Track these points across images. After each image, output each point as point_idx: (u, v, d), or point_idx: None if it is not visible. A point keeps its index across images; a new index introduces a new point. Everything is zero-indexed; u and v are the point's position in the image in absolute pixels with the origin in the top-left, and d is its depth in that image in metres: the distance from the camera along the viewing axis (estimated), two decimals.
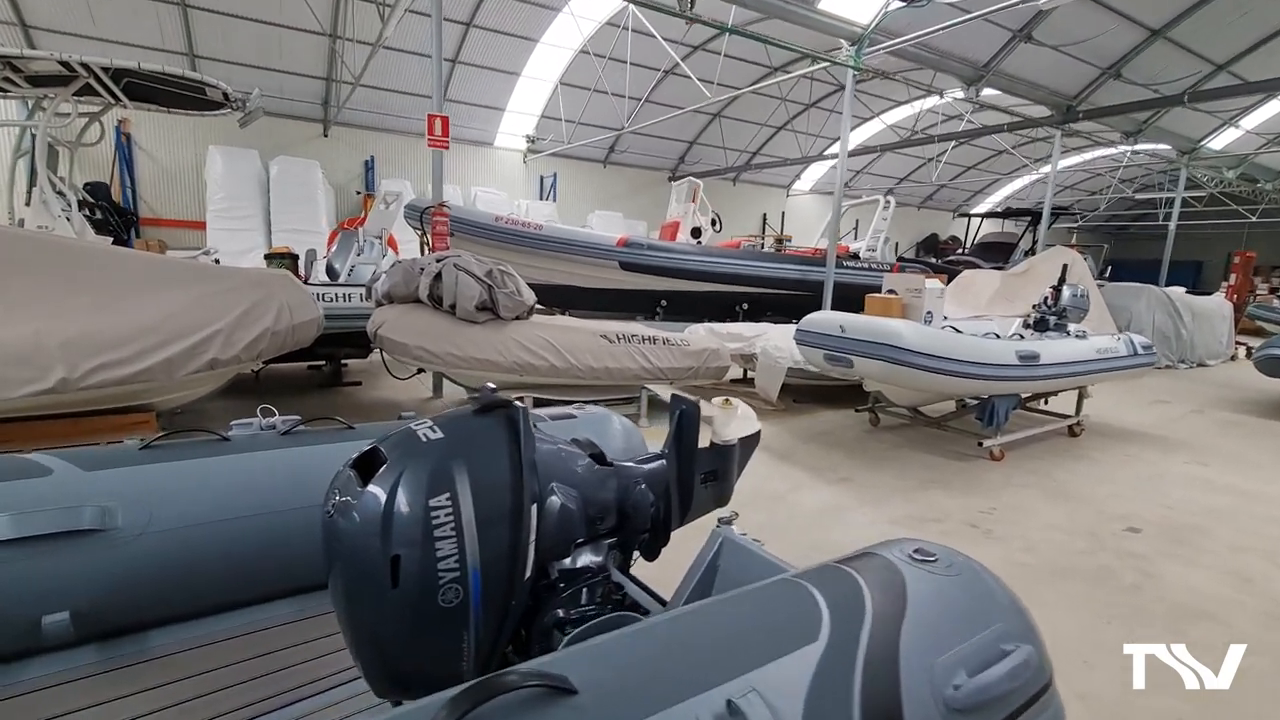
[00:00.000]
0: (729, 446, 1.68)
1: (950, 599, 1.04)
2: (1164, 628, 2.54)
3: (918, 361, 4.14)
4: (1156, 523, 3.68)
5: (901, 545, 1.20)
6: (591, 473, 1.40)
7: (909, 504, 3.80)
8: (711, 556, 1.45)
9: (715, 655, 0.83)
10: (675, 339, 5.32)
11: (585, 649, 0.83)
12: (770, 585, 1.02)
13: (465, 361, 4.47)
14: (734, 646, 0.85)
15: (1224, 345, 11.11)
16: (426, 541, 1.07)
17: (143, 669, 1.34)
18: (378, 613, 1.07)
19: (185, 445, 1.53)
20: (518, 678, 0.70)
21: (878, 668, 0.87)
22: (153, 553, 1.34)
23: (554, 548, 1.28)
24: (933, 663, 0.92)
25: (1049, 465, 4.73)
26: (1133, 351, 5.36)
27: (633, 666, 0.79)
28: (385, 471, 1.09)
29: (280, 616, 1.52)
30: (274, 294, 3.87)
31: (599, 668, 0.78)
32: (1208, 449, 5.39)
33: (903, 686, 0.87)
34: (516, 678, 0.70)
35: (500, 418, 1.24)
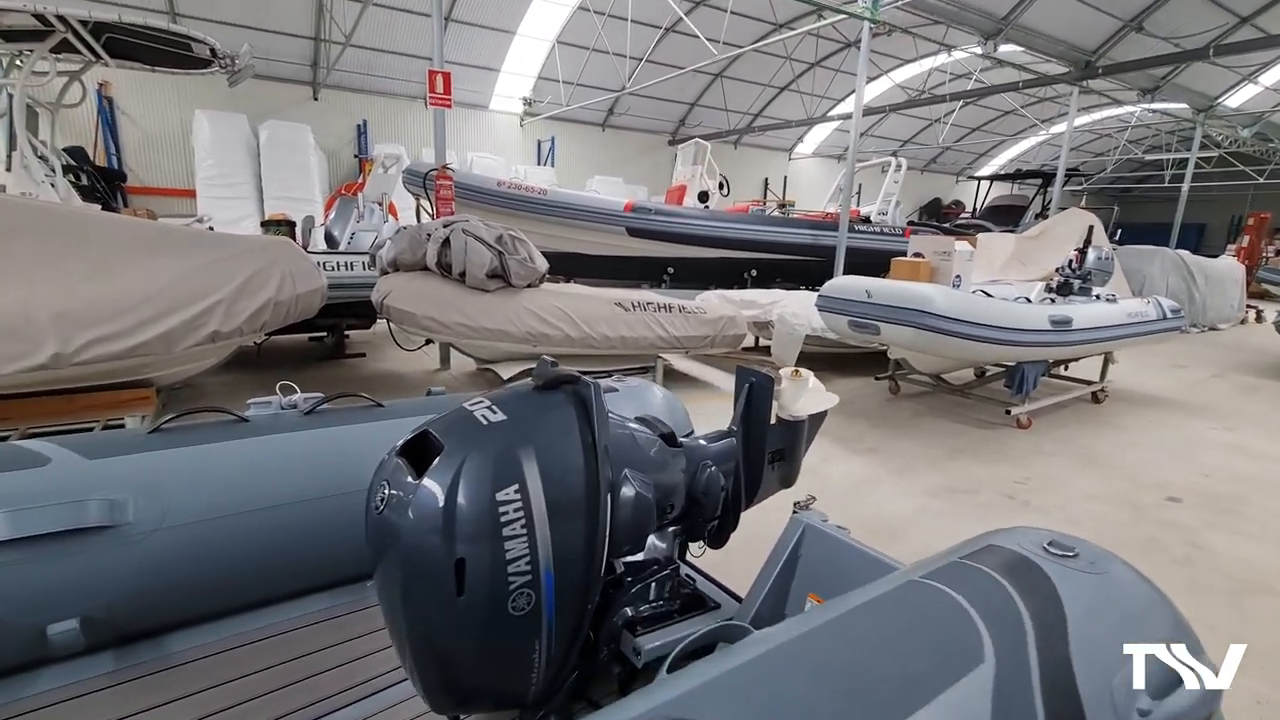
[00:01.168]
0: (798, 423, 1.53)
1: (1107, 603, 0.90)
2: (1227, 604, 2.44)
3: (949, 328, 3.97)
4: (1195, 491, 3.58)
5: (1026, 535, 1.06)
6: (662, 455, 1.25)
7: (941, 474, 3.69)
8: (792, 547, 1.30)
9: (874, 688, 0.68)
10: (690, 306, 5.14)
11: (706, 686, 0.68)
12: (902, 590, 0.87)
13: (476, 331, 4.29)
14: (892, 674, 0.70)
15: (1235, 309, 10.97)
16: (495, 541, 0.92)
17: (163, 678, 1.20)
18: (439, 622, 0.93)
19: (199, 428, 1.36)
20: None
21: (1057, 692, 0.73)
22: (170, 549, 1.19)
23: (625, 541, 1.13)
24: (1109, 684, 0.78)
25: (1076, 432, 4.62)
26: (1162, 315, 5.21)
27: (777, 707, 0.65)
28: (443, 461, 0.93)
29: (314, 614, 1.38)
30: (276, 262, 3.66)
31: (738, 708, 0.64)
32: (1233, 414, 5.29)
33: (1087, 714, 0.73)
34: None
35: (568, 395, 1.07)
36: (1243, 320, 11.15)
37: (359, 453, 1.44)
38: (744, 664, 0.71)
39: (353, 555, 1.43)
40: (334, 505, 1.36)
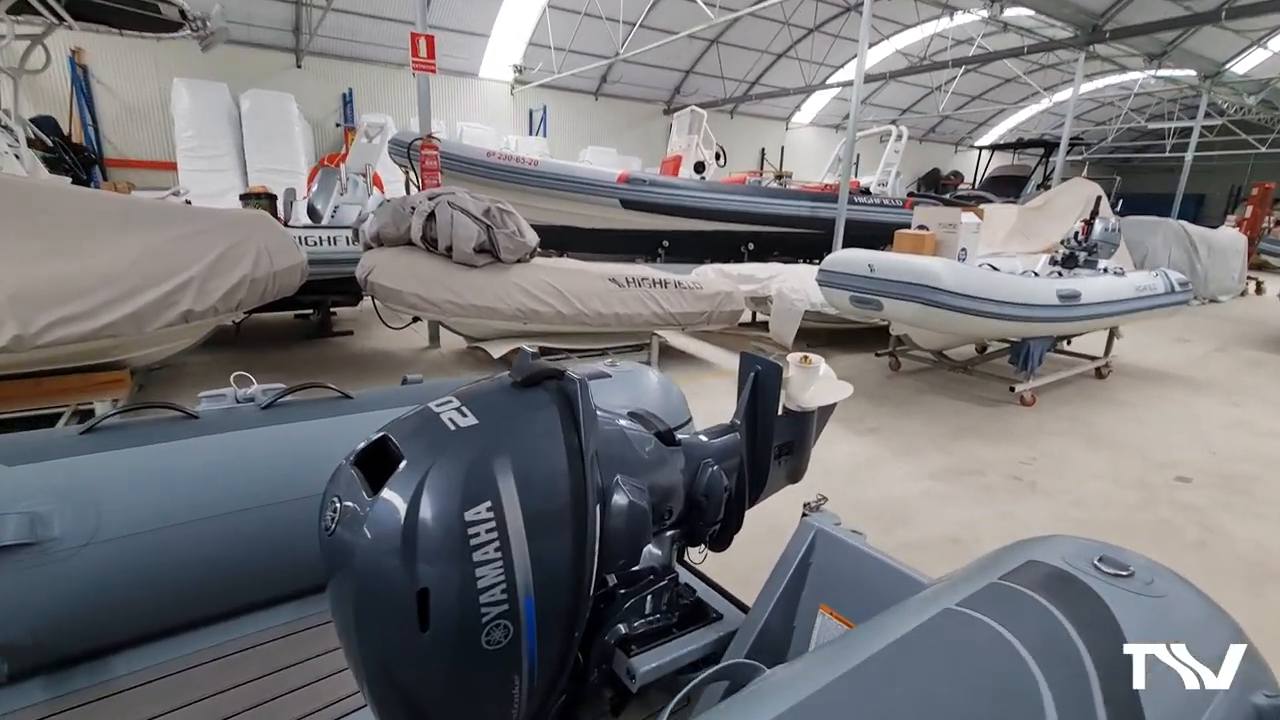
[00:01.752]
0: (807, 414, 1.40)
1: (1176, 634, 0.78)
2: (1243, 590, 2.35)
3: (955, 303, 3.84)
4: (1205, 470, 3.49)
5: (1069, 547, 0.93)
6: (658, 455, 1.11)
7: (945, 455, 3.58)
8: (802, 554, 1.18)
9: None
10: (687, 282, 4.97)
11: None
12: (939, 624, 0.75)
13: (464, 309, 4.13)
14: None
15: (1236, 280, 10.86)
16: (464, 567, 0.78)
17: (103, 705, 1.08)
18: (401, 659, 0.80)
19: (140, 426, 1.22)
20: None
21: None
22: (103, 566, 1.06)
23: (618, 555, 1.00)
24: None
25: (1081, 409, 4.52)
26: (1170, 289, 5.08)
27: None
28: (404, 473, 0.80)
29: (275, 629, 1.25)
30: (251, 237, 3.48)
31: None
32: (1239, 389, 5.20)
33: None
34: None
35: (551, 393, 0.93)
36: (1243, 292, 11.04)
37: (322, 451, 1.29)
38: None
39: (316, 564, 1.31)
40: (294, 511, 1.22)
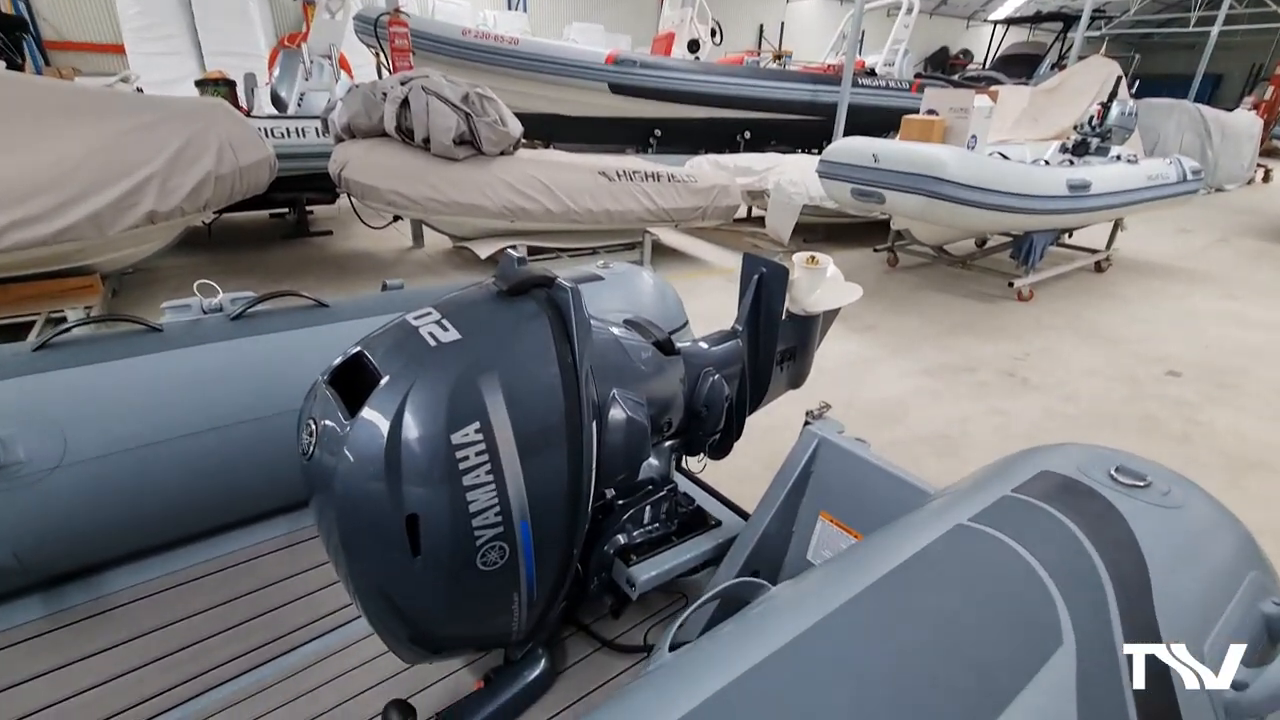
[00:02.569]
0: (811, 318, 1.33)
1: (1192, 547, 0.76)
2: (1223, 480, 2.42)
3: (961, 195, 3.67)
4: (1196, 364, 3.51)
5: (1084, 456, 0.90)
6: (657, 365, 1.05)
7: (940, 352, 3.57)
8: (804, 462, 1.15)
9: (936, 689, 0.53)
10: (680, 175, 4.73)
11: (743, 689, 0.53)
12: (955, 540, 0.72)
13: (447, 206, 3.92)
14: (959, 673, 0.56)
15: (1246, 168, 10.51)
16: (454, 492, 0.74)
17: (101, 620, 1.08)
18: (395, 582, 0.77)
19: (101, 341, 1.14)
20: None
21: (1146, 674, 0.60)
22: (76, 488, 1.01)
23: (616, 471, 0.97)
24: (1202, 650, 0.64)
25: (1078, 304, 4.48)
26: (1182, 177, 4.88)
27: None
28: (382, 394, 0.73)
29: (269, 541, 1.25)
30: (210, 129, 3.22)
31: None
32: (1237, 281, 5.16)
33: (1179, 700, 0.60)
34: None
35: (540, 303, 0.85)
36: (1250, 180, 10.73)
37: (299, 363, 1.23)
38: (767, 660, 0.56)
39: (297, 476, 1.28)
40: (274, 426, 1.17)
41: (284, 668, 1.08)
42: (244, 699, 1.03)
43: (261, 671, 1.07)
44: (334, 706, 1.02)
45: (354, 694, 1.04)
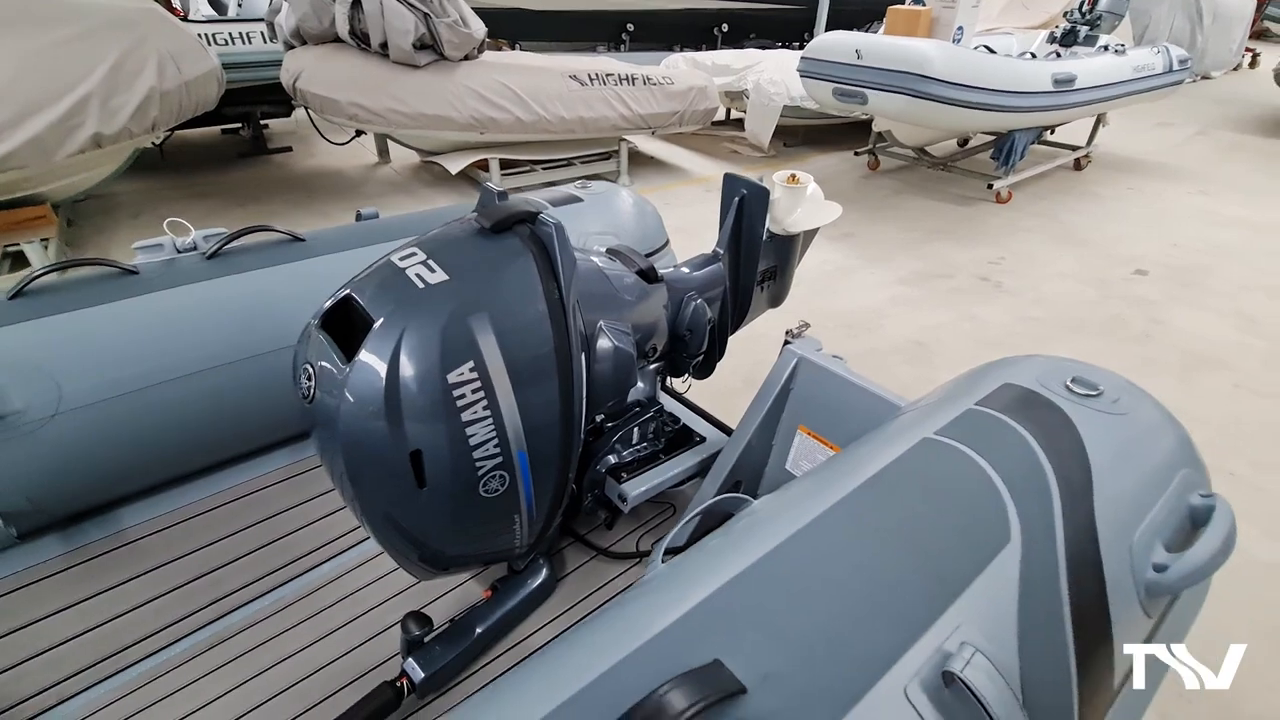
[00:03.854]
0: (791, 238, 1.34)
1: (1131, 449, 0.83)
2: (1176, 377, 2.55)
3: (945, 94, 3.57)
4: (1163, 263, 3.60)
5: (1044, 368, 0.96)
6: (641, 294, 1.08)
7: (916, 259, 3.61)
8: (784, 380, 1.21)
9: (901, 589, 0.61)
10: (656, 76, 4.51)
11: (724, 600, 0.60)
12: (919, 452, 0.78)
13: (412, 119, 3.73)
14: (915, 566, 0.63)
15: (1234, 52, 10.23)
16: (453, 428, 0.78)
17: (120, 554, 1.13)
18: (403, 512, 0.83)
19: (77, 286, 1.12)
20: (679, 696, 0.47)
21: (1082, 565, 0.68)
22: (77, 433, 1.04)
23: (605, 399, 1.01)
24: (1131, 540, 0.73)
25: (1055, 205, 4.49)
26: (1169, 67, 4.77)
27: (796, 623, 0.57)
28: (376, 337, 0.75)
29: (275, 472, 1.30)
30: (147, 39, 2.97)
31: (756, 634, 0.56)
32: (1212, 176, 5.18)
33: (1108, 582, 0.69)
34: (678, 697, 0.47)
35: (524, 239, 0.86)
36: (1236, 66, 10.49)
37: (281, 301, 1.23)
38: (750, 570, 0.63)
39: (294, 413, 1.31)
40: (264, 364, 1.19)
41: (300, 588, 1.16)
42: (264, 618, 1.11)
43: (280, 592, 1.15)
44: (351, 620, 1.11)
45: (370, 607, 1.13)
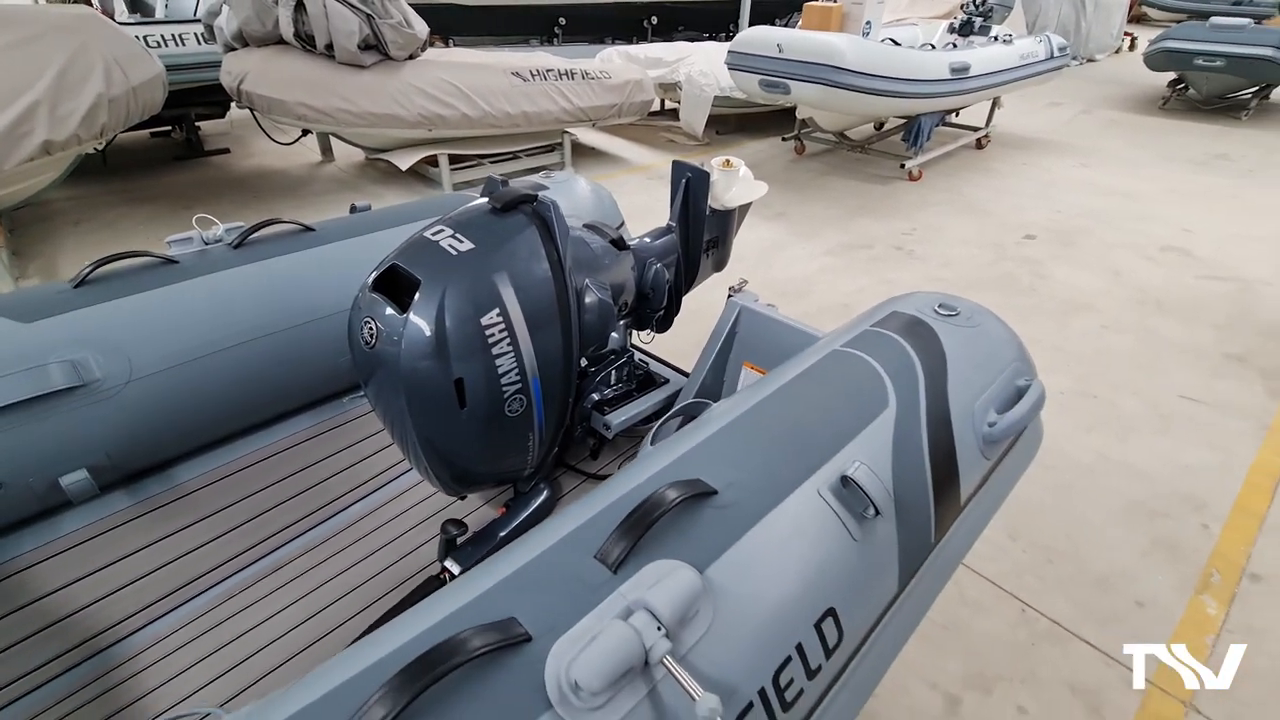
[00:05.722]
0: (729, 212, 1.64)
1: (976, 348, 1.16)
2: (1054, 322, 3.01)
3: (856, 83, 3.96)
4: (1048, 228, 4.11)
5: (923, 300, 1.28)
6: (613, 259, 1.35)
7: (842, 233, 4.00)
8: (730, 326, 1.50)
9: (814, 435, 0.91)
10: (594, 71, 4.74)
11: (698, 448, 0.88)
12: (830, 359, 1.09)
13: (360, 118, 3.85)
14: (826, 424, 0.93)
15: (1114, 37, 11.26)
16: (487, 360, 1.03)
17: (178, 505, 1.33)
18: (447, 431, 1.08)
19: (127, 275, 1.30)
20: (675, 491, 0.75)
21: (937, 421, 1.00)
22: (147, 398, 1.23)
23: (591, 342, 1.28)
24: (973, 407, 1.05)
25: (959, 181, 4.99)
26: (1050, 54, 5.35)
27: (748, 458, 0.86)
28: (424, 294, 0.99)
29: (304, 430, 1.50)
30: (91, 45, 3.00)
31: (719, 465, 0.84)
32: (1093, 151, 5.82)
33: (955, 432, 1.01)
34: (674, 491, 0.75)
35: (528, 215, 1.11)
36: (1118, 50, 11.52)
37: (303, 283, 1.44)
38: (717, 432, 0.92)
39: (324, 376, 1.52)
40: (297, 335, 1.39)
41: (340, 523, 1.38)
42: (313, 547, 1.33)
43: (322, 528, 1.37)
44: (388, 543, 1.34)
45: (403, 532, 1.37)
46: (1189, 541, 1.88)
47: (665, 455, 0.89)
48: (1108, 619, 1.66)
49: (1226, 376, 2.63)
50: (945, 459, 0.98)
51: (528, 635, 0.61)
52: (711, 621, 0.67)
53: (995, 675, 1.53)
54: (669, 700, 0.60)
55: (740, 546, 0.74)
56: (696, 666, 0.64)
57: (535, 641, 0.61)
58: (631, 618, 0.61)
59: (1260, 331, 2.93)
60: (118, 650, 1.14)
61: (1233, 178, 5.06)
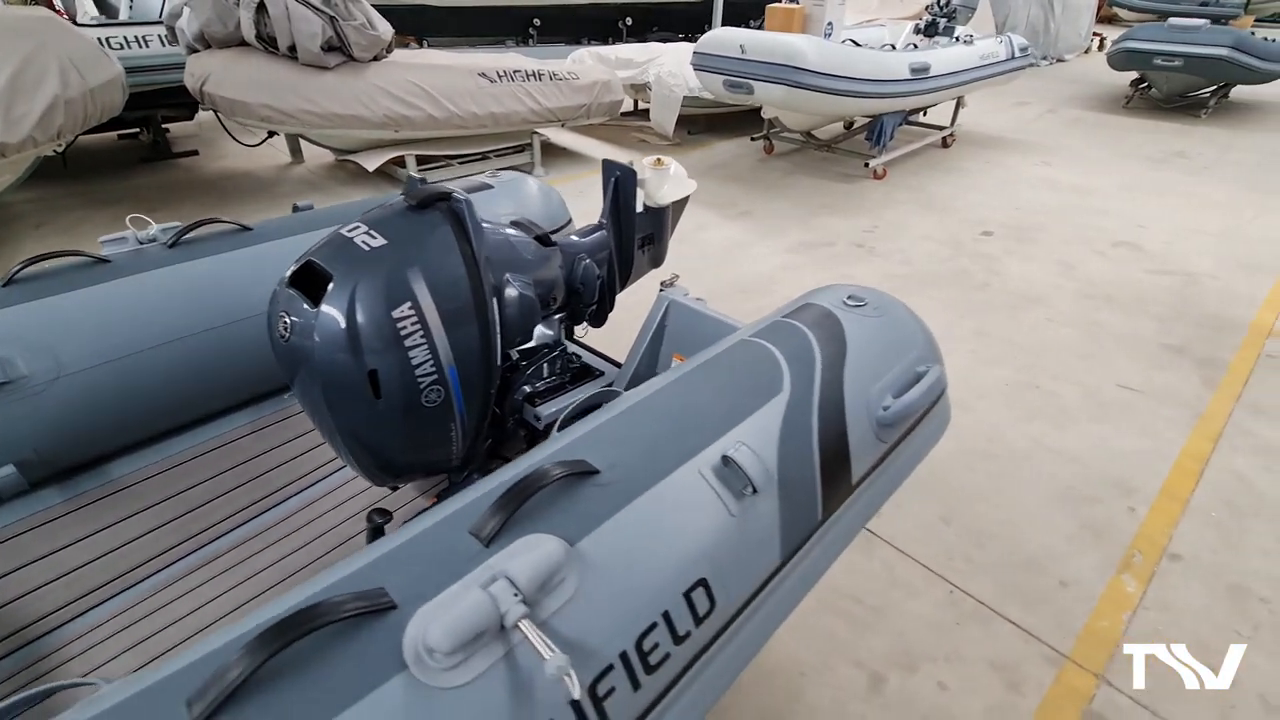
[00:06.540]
0: (663, 209, 1.68)
1: (879, 337, 1.21)
2: (1005, 315, 3.09)
3: (817, 83, 4.03)
4: (1006, 224, 4.20)
5: (836, 292, 1.33)
6: (538, 255, 1.38)
7: (805, 231, 4.06)
8: (659, 319, 1.55)
9: (703, 419, 0.95)
10: (562, 72, 4.78)
11: (591, 432, 0.93)
12: (735, 348, 1.14)
13: (325, 119, 3.86)
14: (717, 408, 0.97)
15: (1083, 37, 11.46)
16: (399, 352, 1.07)
17: (112, 500, 1.35)
18: (365, 421, 1.11)
19: (59, 274, 1.32)
20: (552, 468, 0.79)
21: (829, 405, 1.05)
22: (77, 394, 1.25)
23: (515, 334, 1.31)
24: (868, 392, 1.11)
25: (924, 179, 5.08)
26: (1011, 55, 5.45)
27: (636, 441, 0.91)
28: (336, 290, 1.03)
29: (242, 427, 1.52)
30: (46, 46, 3.00)
31: (608, 447, 0.89)
32: (1054, 149, 5.94)
33: (847, 416, 1.06)
34: (552, 468, 0.79)
35: (443, 212, 1.15)
36: (1087, 50, 11.72)
37: (237, 281, 1.47)
38: (617, 416, 0.96)
39: (262, 373, 1.55)
40: (231, 333, 1.42)
41: (273, 517, 1.41)
42: (246, 540, 1.36)
43: (255, 522, 1.40)
44: (320, 535, 1.37)
45: (335, 525, 1.40)
46: (1116, 524, 1.96)
47: (562, 440, 0.93)
48: (1032, 599, 1.72)
49: (1165, 367, 2.71)
50: (835, 441, 1.03)
51: (392, 603, 0.65)
52: (577, 589, 0.71)
53: (920, 654, 1.59)
54: (524, 662, 0.64)
55: (615, 521, 0.78)
56: (557, 630, 0.68)
57: (400, 609, 0.65)
58: (491, 586, 0.65)
59: (1199, 323, 3.03)
60: (46, 642, 1.17)
61: (1188, 174, 5.19)
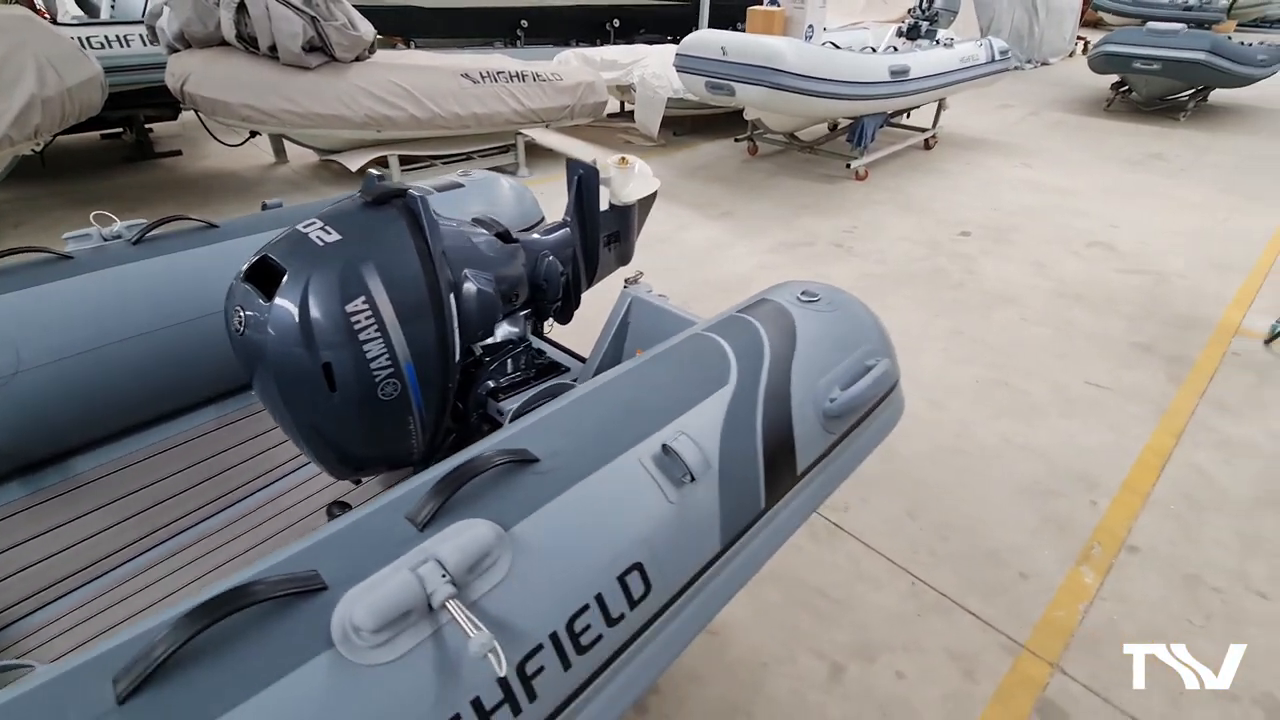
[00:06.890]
0: (628, 207, 1.70)
1: (829, 331, 1.24)
2: (979, 314, 3.13)
3: (797, 85, 4.07)
4: (985, 225, 4.25)
5: (791, 288, 1.36)
6: (500, 252, 1.40)
7: (786, 231, 4.10)
8: (623, 315, 1.57)
9: (648, 410, 0.97)
10: (546, 73, 4.80)
11: (536, 423, 0.95)
12: (685, 342, 1.16)
13: (306, 119, 3.86)
14: (662, 400, 1.00)
15: (1068, 40, 11.58)
16: (353, 345, 1.08)
17: (76, 494, 1.36)
18: (322, 415, 1.12)
19: (20, 270, 1.33)
20: (492, 455, 0.81)
21: (774, 397, 1.07)
22: (37, 389, 1.26)
23: (476, 329, 1.33)
24: (816, 385, 1.13)
25: (904, 180, 5.13)
26: (992, 58, 5.51)
27: (579, 430, 0.93)
28: (289, 284, 1.04)
29: (208, 423, 1.53)
30: (24, 46, 2.99)
31: (551, 436, 0.91)
32: (1035, 151, 6.01)
33: (793, 408, 1.08)
34: (491, 456, 0.81)
35: (398, 209, 1.17)
36: (1071, 53, 11.84)
37: (201, 278, 1.48)
38: (563, 407, 0.98)
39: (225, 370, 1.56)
40: (194, 329, 1.43)
41: (235, 513, 1.42)
42: (209, 535, 1.37)
43: (218, 518, 1.41)
44: (282, 530, 1.38)
45: (298, 520, 1.41)
46: (1077, 518, 1.99)
47: (510, 430, 0.95)
48: (992, 590, 1.75)
49: (1133, 364, 2.76)
50: (780, 432, 1.05)
51: (323, 585, 0.67)
52: (509, 571, 0.73)
53: (881, 644, 1.61)
54: (451, 640, 0.66)
55: (551, 506, 0.80)
56: (487, 611, 0.70)
57: (330, 590, 0.67)
58: (420, 567, 0.67)
59: (1168, 321, 3.08)
60: (5, 635, 1.18)
61: (1164, 176, 5.27)
